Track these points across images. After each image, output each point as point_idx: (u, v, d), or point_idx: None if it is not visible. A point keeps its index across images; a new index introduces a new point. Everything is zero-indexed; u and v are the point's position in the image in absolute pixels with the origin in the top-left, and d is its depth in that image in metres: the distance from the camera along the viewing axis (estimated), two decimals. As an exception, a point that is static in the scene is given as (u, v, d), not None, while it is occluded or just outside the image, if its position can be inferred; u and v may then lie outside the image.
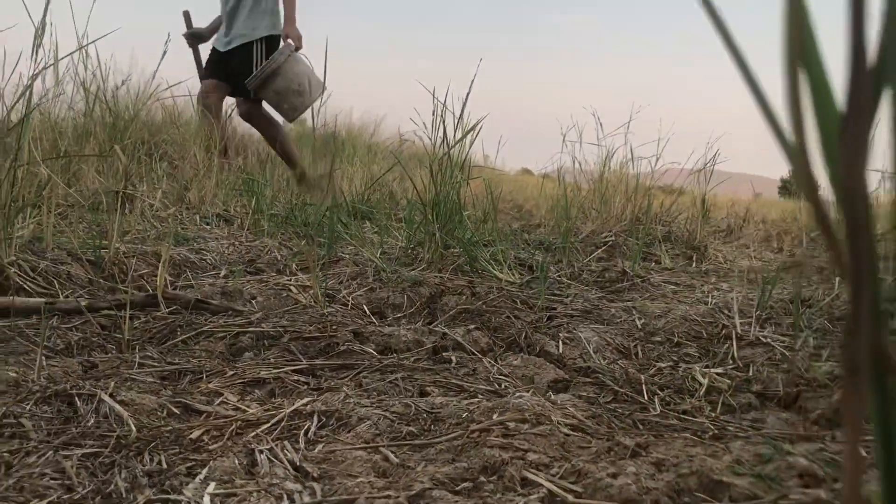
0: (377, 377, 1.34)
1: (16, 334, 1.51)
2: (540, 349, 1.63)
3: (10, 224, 1.79)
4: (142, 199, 2.81)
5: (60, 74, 1.90)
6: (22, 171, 1.77)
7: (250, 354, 1.52)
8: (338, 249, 2.58)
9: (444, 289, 2.06)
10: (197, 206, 3.25)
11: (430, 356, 1.54)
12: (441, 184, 2.23)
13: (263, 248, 2.55)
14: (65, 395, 1.06)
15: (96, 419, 1.02)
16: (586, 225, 3.85)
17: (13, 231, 1.80)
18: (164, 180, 3.29)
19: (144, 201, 2.83)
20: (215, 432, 1.03)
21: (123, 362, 1.36)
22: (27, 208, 1.78)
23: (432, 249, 2.25)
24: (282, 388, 1.30)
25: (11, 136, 1.74)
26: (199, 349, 1.49)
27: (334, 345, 1.54)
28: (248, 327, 1.62)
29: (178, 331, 1.60)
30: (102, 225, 2.45)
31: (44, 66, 1.73)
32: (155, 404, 1.10)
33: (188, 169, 3.37)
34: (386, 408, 1.15)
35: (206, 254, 2.36)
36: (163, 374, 1.32)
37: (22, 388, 1.06)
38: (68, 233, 2.05)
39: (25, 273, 1.79)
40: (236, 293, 1.91)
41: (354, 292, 2.01)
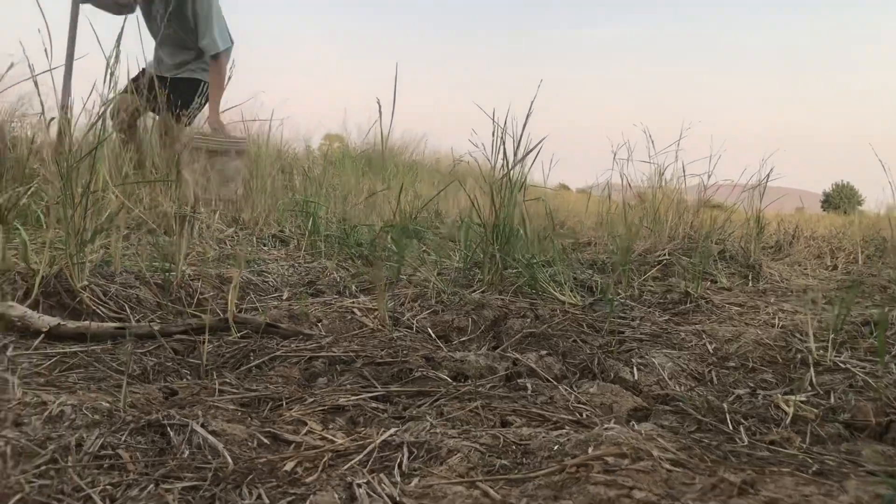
0: (456, 405, 1.32)
1: (93, 360, 1.53)
2: (615, 375, 1.60)
3: (82, 249, 1.81)
4: (200, 221, 2.84)
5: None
6: (94, 196, 1.80)
7: (324, 380, 1.51)
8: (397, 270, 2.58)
9: (506, 311, 2.04)
10: (251, 227, 3.28)
11: (504, 383, 1.52)
12: (501, 204, 2.21)
13: (322, 270, 2.56)
14: (157, 426, 1.06)
15: (191, 450, 1.01)
16: (638, 243, 3.80)
17: (86, 256, 1.83)
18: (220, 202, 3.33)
19: (202, 223, 2.86)
20: (308, 464, 1.02)
21: (203, 389, 1.36)
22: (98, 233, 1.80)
23: (492, 271, 2.24)
24: (362, 416, 1.29)
25: (84, 163, 1.77)
26: (274, 375, 1.49)
27: (407, 370, 1.53)
28: (320, 352, 1.61)
29: (252, 355, 1.60)
30: (162, 247, 2.48)
31: (114, 95, 1.76)
32: (245, 434, 1.09)
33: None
34: (474, 439, 1.13)
35: (267, 276, 2.38)
36: (243, 401, 1.32)
37: (115, 418, 1.06)
38: (134, 256, 2.08)
39: (98, 297, 1.82)
40: (302, 316, 1.91)
41: (418, 315, 2.00)
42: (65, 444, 0.98)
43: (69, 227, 1.78)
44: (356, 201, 4.40)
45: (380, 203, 4.63)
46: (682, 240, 3.78)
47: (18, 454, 0.95)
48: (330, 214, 3.52)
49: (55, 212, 1.79)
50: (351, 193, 4.68)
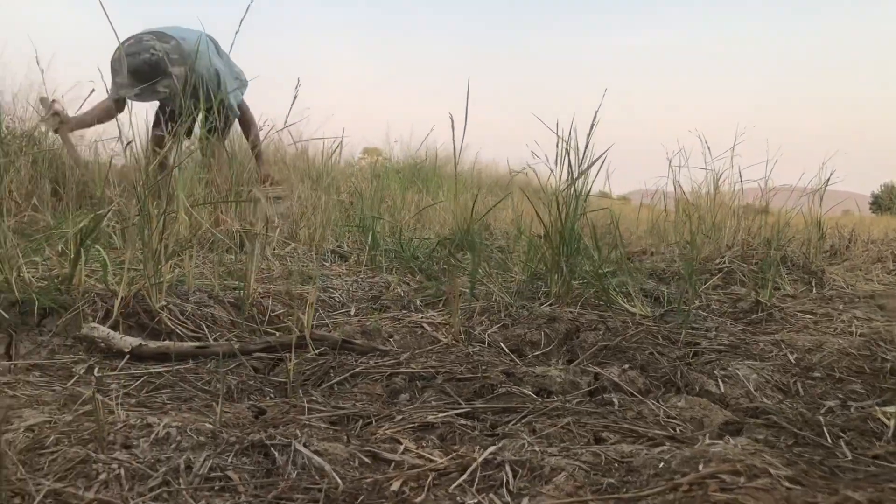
0: (548, 422, 1.30)
1: (178, 379, 1.55)
2: (700, 388, 1.57)
3: (159, 269, 1.84)
4: (262, 238, 2.87)
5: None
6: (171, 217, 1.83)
7: (406, 396, 1.51)
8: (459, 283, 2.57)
9: (578, 324, 2.02)
10: (308, 243, 3.31)
11: (589, 398, 1.50)
12: (567, 215, 2.19)
13: (385, 285, 2.56)
14: (260, 446, 1.07)
15: (297, 471, 1.01)
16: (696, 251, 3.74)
17: (163, 276, 1.85)
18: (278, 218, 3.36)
19: (264, 240, 2.89)
20: (413, 483, 1.01)
21: (292, 407, 1.37)
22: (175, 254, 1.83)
23: (559, 283, 2.22)
24: (451, 433, 1.28)
25: (161, 184, 1.80)
26: (358, 392, 1.49)
27: (489, 386, 1.51)
28: (399, 368, 1.61)
29: (332, 372, 1.61)
30: (228, 265, 2.51)
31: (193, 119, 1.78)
32: (345, 453, 1.09)
33: (297, 206, 3.43)
34: (575, 456, 1.11)
35: (333, 291, 2.39)
36: (332, 419, 1.32)
37: (219, 440, 1.07)
38: (206, 275, 2.10)
39: (176, 317, 1.84)
40: (375, 332, 1.92)
41: (489, 329, 1.99)
42: (174, 466, 0.99)
43: (146, 247, 1.81)
44: (406, 215, 4.42)
45: (429, 216, 4.64)
46: (740, 247, 3.71)
47: (132, 477, 0.96)
48: (384, 229, 3.54)
49: (132, 233, 1.82)
50: (399, 207, 4.70)
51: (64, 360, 1.65)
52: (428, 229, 4.31)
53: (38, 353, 1.72)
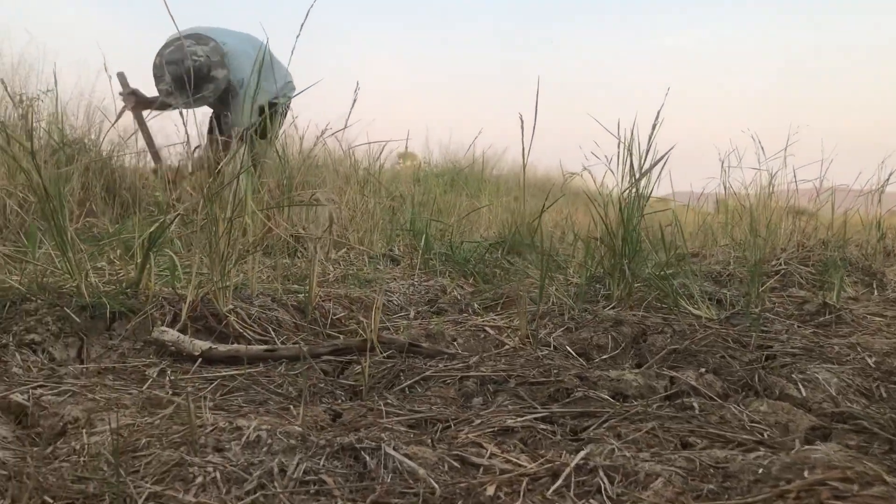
0: (631, 427, 1.27)
1: (251, 382, 1.55)
2: (780, 393, 1.52)
3: (226, 273, 1.85)
4: (322, 242, 2.88)
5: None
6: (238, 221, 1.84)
7: (479, 400, 1.49)
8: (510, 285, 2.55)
9: (644, 328, 1.98)
10: (357, 247, 3.31)
11: (668, 402, 1.46)
12: (629, 217, 2.16)
13: (440, 289, 2.55)
14: (350, 449, 1.06)
15: (390, 475, 1.00)
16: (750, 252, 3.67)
17: (230, 280, 1.86)
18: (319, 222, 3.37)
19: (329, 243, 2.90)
20: (507, 489, 0.99)
21: (369, 410, 1.36)
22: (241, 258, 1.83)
23: (621, 286, 2.18)
24: (532, 438, 1.26)
25: (229, 189, 1.81)
26: (432, 395, 1.47)
27: (564, 390, 1.49)
28: (470, 372, 1.59)
29: (402, 375, 1.60)
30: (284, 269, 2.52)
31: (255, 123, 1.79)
32: (434, 457, 1.07)
33: (346, 210, 3.44)
34: (668, 462, 1.08)
35: (390, 295, 2.38)
36: (410, 422, 1.31)
37: (308, 443, 1.06)
38: (268, 279, 2.11)
39: (243, 320, 1.85)
40: (439, 336, 1.90)
41: (553, 332, 1.96)
42: (268, 469, 0.98)
43: (213, 251, 1.82)
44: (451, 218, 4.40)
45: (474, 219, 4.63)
46: (796, 248, 3.63)
47: (227, 480, 0.95)
48: (435, 232, 3.52)
49: (200, 237, 1.83)
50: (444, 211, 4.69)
51: (135, 364, 1.66)
52: (474, 232, 4.29)
53: (108, 356, 1.74)
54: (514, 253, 3.45)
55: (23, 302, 1.82)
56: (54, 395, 1.41)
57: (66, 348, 1.73)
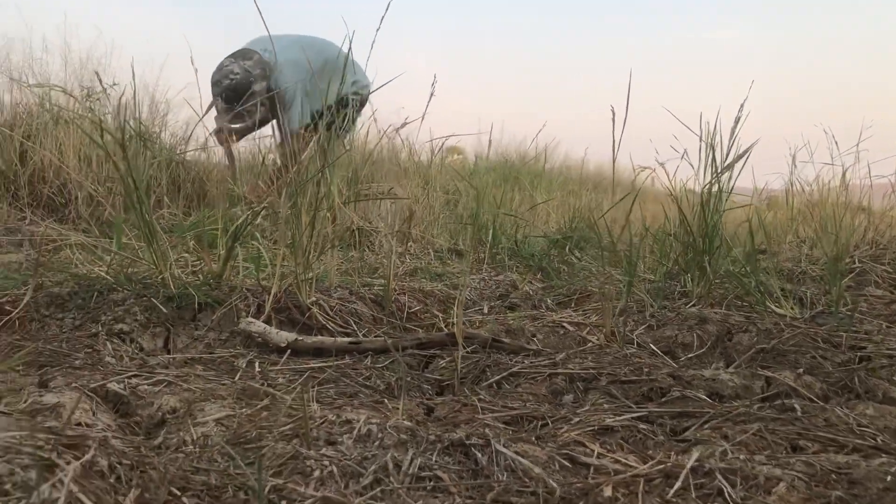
0: (736, 428, 1.24)
1: (339, 374, 1.55)
2: (884, 395, 1.47)
3: (309, 266, 1.86)
4: (379, 235, 2.88)
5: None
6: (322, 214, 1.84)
7: (570, 397, 1.47)
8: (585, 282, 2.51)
9: (728, 326, 1.94)
10: (420, 241, 3.31)
11: (767, 403, 1.42)
12: (710, 213, 2.11)
13: (510, 283, 2.53)
14: (459, 445, 1.05)
15: (504, 473, 0.99)
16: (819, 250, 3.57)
17: (312, 272, 1.87)
18: (391, 215, 3.38)
19: (382, 237, 2.90)
20: (624, 490, 0.97)
21: (463, 406, 1.35)
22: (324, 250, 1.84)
23: (702, 283, 2.13)
24: (634, 437, 1.23)
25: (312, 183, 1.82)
26: (522, 392, 1.45)
27: (658, 389, 1.46)
28: (557, 369, 1.57)
29: (488, 371, 1.58)
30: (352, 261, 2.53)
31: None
32: (544, 456, 1.06)
33: (409, 204, 3.44)
34: (786, 466, 1.04)
35: (462, 288, 2.37)
36: (506, 419, 1.30)
37: (418, 438, 1.05)
38: (348, 271, 2.12)
39: (325, 312, 1.85)
40: (519, 331, 1.88)
41: (635, 330, 1.93)
42: (383, 464, 0.97)
43: (296, 244, 1.83)
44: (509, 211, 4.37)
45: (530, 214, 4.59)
46: (869, 246, 3.52)
47: (343, 474, 0.95)
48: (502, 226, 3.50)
49: (283, 230, 1.84)
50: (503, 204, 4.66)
51: (222, 355, 1.68)
52: (533, 227, 4.26)
53: (194, 346, 1.76)
54: (577, 248, 3.41)
55: (110, 292, 1.85)
56: (150, 384, 1.43)
57: (154, 338, 1.76)
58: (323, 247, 1.79)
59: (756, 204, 2.61)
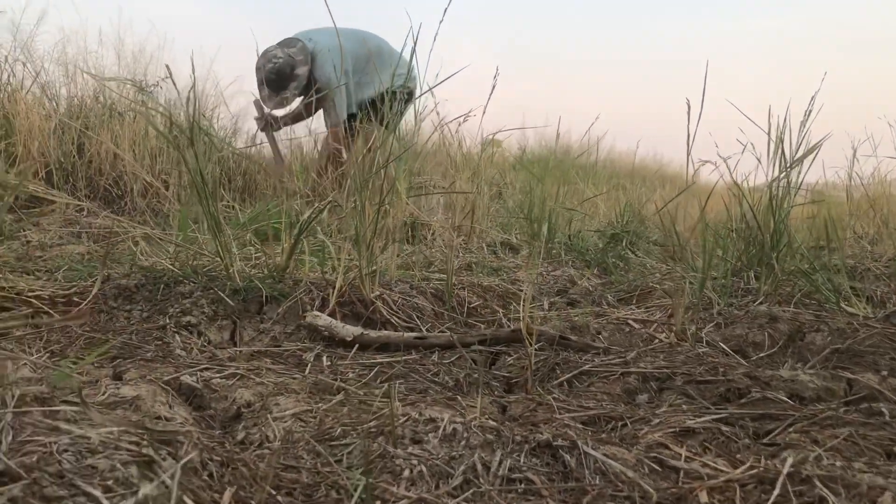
0: (825, 433, 1.20)
1: (408, 370, 1.54)
2: (975, 400, 1.41)
3: (374, 260, 1.85)
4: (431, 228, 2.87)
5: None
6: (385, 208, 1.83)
7: (644, 397, 1.44)
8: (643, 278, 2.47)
9: (798, 324, 1.88)
10: (468, 235, 3.28)
11: (853, 406, 1.37)
12: (777, 209, 2.05)
13: (568, 279, 2.50)
14: (546, 446, 1.03)
15: (595, 475, 0.96)
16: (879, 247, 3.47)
17: (376, 266, 1.86)
18: (440, 208, 3.36)
19: (434, 231, 2.89)
20: (720, 496, 0.94)
21: (538, 405, 1.32)
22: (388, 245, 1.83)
23: (769, 280, 2.08)
24: (716, 440, 1.20)
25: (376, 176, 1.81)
26: (596, 391, 1.43)
27: (736, 390, 1.42)
28: (630, 367, 1.54)
29: (557, 369, 1.56)
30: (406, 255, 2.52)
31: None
32: (633, 458, 1.03)
33: (460, 197, 3.41)
34: (887, 474, 1.00)
35: (520, 284, 2.34)
36: (583, 419, 1.27)
37: (503, 438, 1.04)
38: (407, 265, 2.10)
39: (388, 306, 1.84)
40: (584, 328, 1.85)
41: (703, 328, 1.88)
42: (471, 464, 0.96)
43: (361, 238, 1.82)
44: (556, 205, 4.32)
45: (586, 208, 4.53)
46: (936, 242, 3.41)
47: (433, 474, 0.93)
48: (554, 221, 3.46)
49: (347, 223, 1.83)
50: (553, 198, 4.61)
51: (289, 348, 1.68)
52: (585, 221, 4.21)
53: (260, 339, 1.77)
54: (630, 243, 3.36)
55: (176, 284, 1.87)
56: (222, 378, 1.43)
57: (220, 331, 1.77)
58: (387, 241, 1.78)
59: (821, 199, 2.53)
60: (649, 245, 3.56)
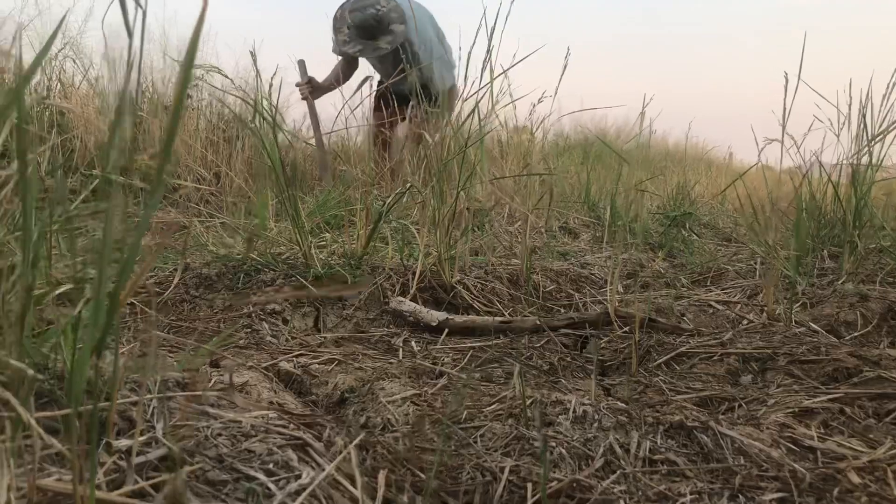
0: (954, 412, 1.16)
1: (501, 354, 1.53)
2: None
3: (452, 245, 1.83)
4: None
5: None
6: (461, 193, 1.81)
7: (748, 378, 1.40)
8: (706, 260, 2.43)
9: (889, 303, 1.83)
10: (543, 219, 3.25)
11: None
12: (859, 186, 2.00)
13: (636, 262, 2.47)
14: (679, 427, 1.00)
15: (741, 457, 0.94)
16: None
17: (455, 251, 1.84)
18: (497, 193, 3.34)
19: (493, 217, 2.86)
20: (871, 477, 0.91)
21: (646, 387, 1.30)
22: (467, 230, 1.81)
23: (851, 259, 2.03)
24: (838, 420, 1.17)
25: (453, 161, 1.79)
26: (700, 372, 1.40)
27: (843, 370, 1.38)
28: (727, 348, 1.51)
29: (653, 351, 1.53)
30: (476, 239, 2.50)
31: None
32: (768, 439, 1.00)
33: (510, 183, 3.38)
34: None
35: (590, 268, 2.32)
36: (695, 400, 1.25)
37: (635, 419, 1.02)
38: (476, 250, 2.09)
39: (469, 291, 1.83)
40: (669, 310, 1.82)
41: (789, 308, 1.85)
42: (607, 446, 0.94)
43: (440, 223, 1.81)
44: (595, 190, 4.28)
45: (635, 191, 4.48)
46: None
47: (574, 456, 0.92)
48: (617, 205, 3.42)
49: (426, 209, 1.82)
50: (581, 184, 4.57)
51: (375, 333, 1.67)
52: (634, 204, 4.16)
53: (343, 326, 1.76)
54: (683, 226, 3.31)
55: (257, 272, 1.87)
56: (319, 363, 1.43)
57: (304, 318, 1.76)
58: (466, 226, 1.76)
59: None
60: (700, 228, 3.51)
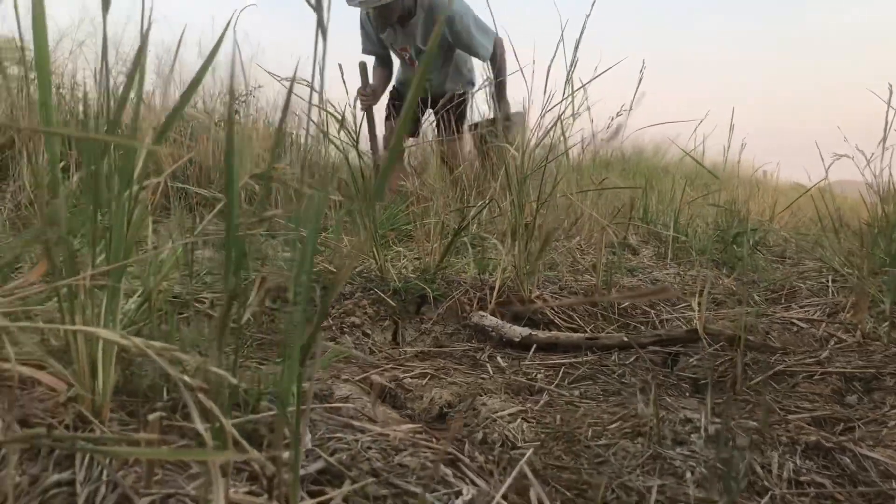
0: None
1: (593, 371, 1.50)
2: None
3: (530, 259, 1.81)
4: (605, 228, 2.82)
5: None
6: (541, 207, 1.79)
7: (853, 398, 1.36)
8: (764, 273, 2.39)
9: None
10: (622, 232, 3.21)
11: None
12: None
13: (704, 279, 2.43)
14: (815, 447, 0.97)
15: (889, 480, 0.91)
16: None
17: (535, 266, 1.82)
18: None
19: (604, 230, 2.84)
20: None
21: (748, 404, 1.27)
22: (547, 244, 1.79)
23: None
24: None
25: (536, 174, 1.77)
26: (804, 391, 1.36)
27: (955, 390, 1.34)
28: (825, 367, 1.47)
29: (748, 370, 1.50)
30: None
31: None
32: (907, 462, 0.97)
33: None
34: None
35: (661, 284, 2.28)
36: (807, 420, 1.21)
37: (769, 440, 0.98)
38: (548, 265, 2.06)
39: (550, 306, 1.80)
40: (754, 327, 1.78)
41: (878, 326, 1.80)
42: (747, 466, 0.91)
43: (519, 237, 1.79)
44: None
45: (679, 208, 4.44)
46: None
47: (714, 476, 0.89)
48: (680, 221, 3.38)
49: (506, 223, 1.80)
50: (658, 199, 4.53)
51: (457, 348, 1.65)
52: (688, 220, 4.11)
53: (422, 340, 1.74)
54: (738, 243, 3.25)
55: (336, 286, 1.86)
56: (412, 377, 1.41)
57: (383, 331, 1.75)
58: (545, 240, 1.74)
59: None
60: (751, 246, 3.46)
